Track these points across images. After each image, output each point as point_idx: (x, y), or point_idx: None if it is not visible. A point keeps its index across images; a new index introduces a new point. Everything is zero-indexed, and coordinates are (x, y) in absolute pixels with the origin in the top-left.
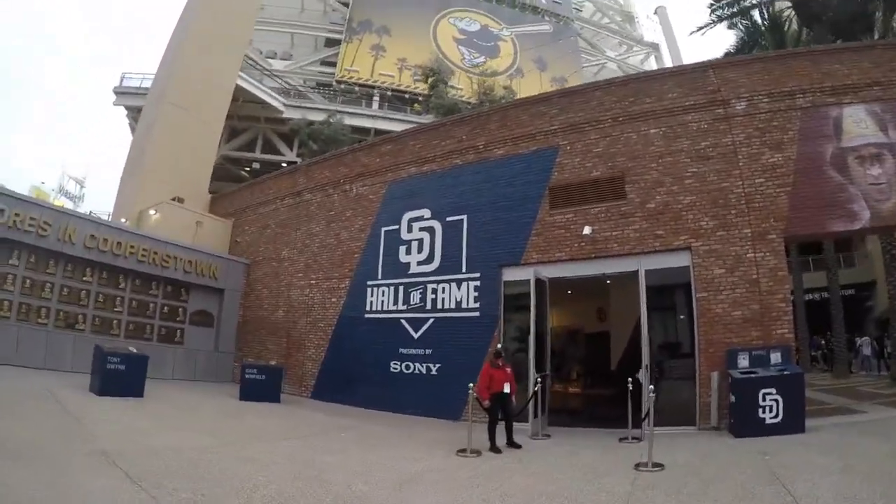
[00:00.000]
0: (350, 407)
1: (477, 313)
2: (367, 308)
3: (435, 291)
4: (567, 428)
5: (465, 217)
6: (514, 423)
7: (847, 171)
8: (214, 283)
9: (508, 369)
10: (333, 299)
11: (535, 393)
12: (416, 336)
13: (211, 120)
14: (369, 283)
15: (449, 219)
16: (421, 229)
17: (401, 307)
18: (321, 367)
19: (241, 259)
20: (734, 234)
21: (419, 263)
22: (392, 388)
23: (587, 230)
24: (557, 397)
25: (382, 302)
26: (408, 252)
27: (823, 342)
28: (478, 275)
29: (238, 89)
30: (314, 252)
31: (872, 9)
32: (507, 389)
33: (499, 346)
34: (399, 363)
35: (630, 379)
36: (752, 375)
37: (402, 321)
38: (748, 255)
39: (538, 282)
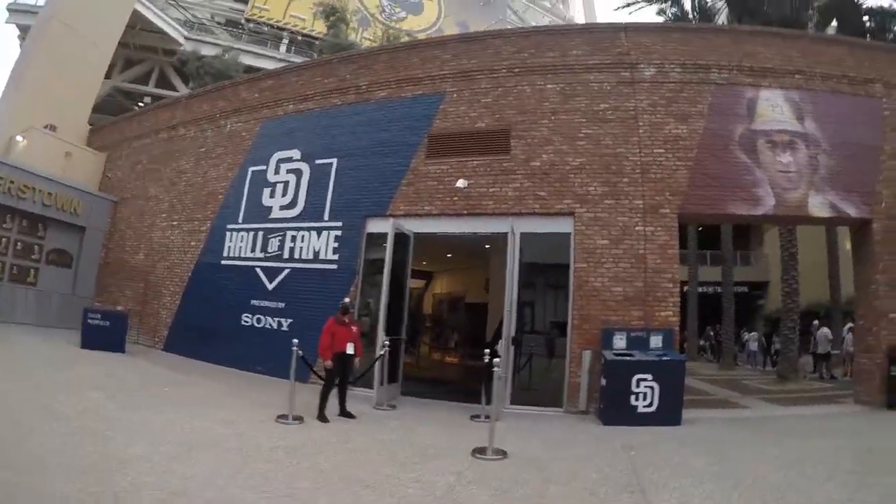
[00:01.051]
0: (201, 363)
1: (334, 266)
2: (225, 254)
3: (294, 239)
4: (424, 399)
5: (334, 161)
6: (362, 391)
7: (755, 155)
8: (76, 219)
9: (355, 328)
10: (193, 243)
11: (381, 357)
12: (270, 287)
13: (101, 44)
14: (229, 226)
15: (318, 162)
16: (288, 171)
17: (258, 254)
18: (175, 317)
19: (108, 196)
20: (624, 204)
21: (282, 208)
22: (243, 344)
23: (461, 183)
24: (434, 366)
25: (241, 248)
26: (272, 195)
27: (713, 333)
28: (340, 224)
29: (137, 16)
30: (181, 191)
31: (805, 19)
32: (350, 350)
33: (346, 300)
34: (251, 316)
35: (488, 351)
36: (627, 358)
37: (258, 270)
38: (637, 228)
39: (399, 235)
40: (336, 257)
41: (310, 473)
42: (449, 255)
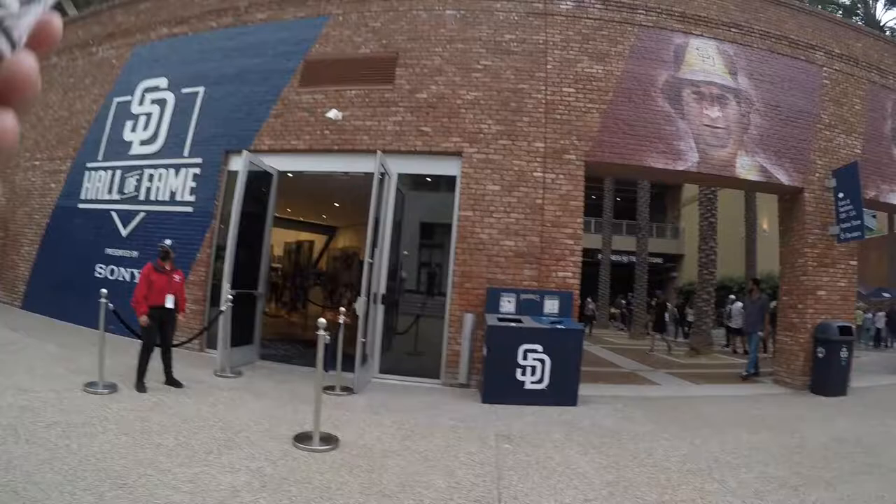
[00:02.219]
0: (58, 321)
1: (190, 208)
2: (83, 196)
3: (152, 178)
4: (287, 365)
5: (201, 89)
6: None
7: (680, 105)
8: None
9: (177, 277)
10: (52, 185)
11: (220, 314)
12: (124, 233)
13: None
14: (89, 165)
15: (185, 90)
16: (153, 102)
17: (114, 196)
18: (32, 269)
19: None
20: (521, 146)
21: (142, 143)
22: (96, 299)
23: (332, 113)
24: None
25: (98, 189)
26: (133, 129)
27: (624, 302)
28: (199, 161)
29: None
30: (46, 127)
31: None
32: (169, 303)
33: (166, 241)
34: (105, 267)
35: (344, 309)
36: (514, 325)
37: (113, 214)
38: (535, 174)
39: (257, 174)
40: (193, 199)
41: (68, 460)
42: (336, 205)
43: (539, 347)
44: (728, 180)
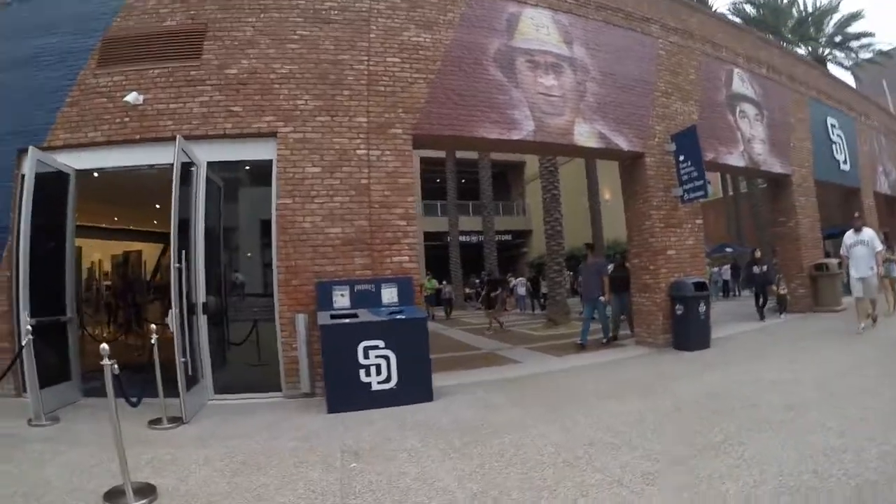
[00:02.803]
0: None
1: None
2: None
3: None
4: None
5: None
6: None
7: (513, 74)
8: None
9: None
10: None
11: (21, 351)
12: None
13: None
14: None
15: None
16: None
17: None
18: None
19: None
20: (342, 122)
21: None
22: None
23: (132, 97)
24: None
25: None
26: None
27: (478, 281)
28: None
29: None
30: None
31: None
32: None
33: None
34: None
35: (154, 326)
36: (348, 321)
37: None
38: (359, 152)
39: (46, 175)
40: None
41: None
42: (158, 207)
43: (380, 343)
44: (567, 148)
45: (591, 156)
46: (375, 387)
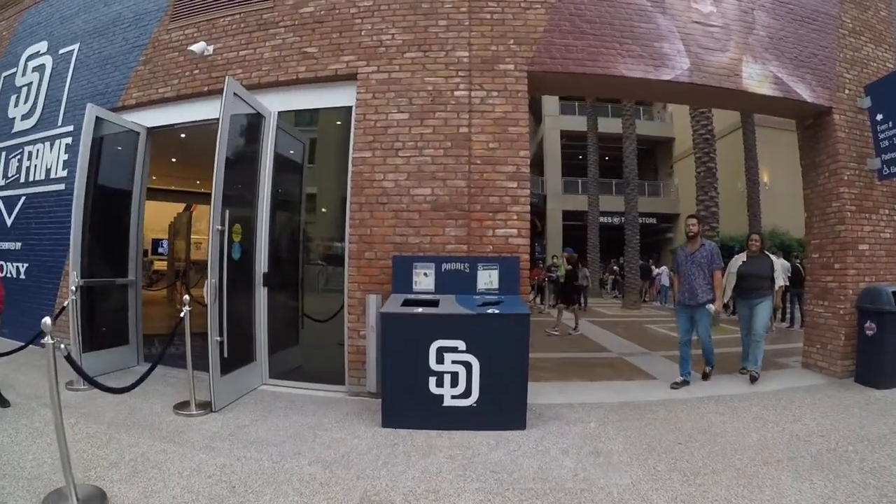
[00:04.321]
0: None
1: (62, 185)
2: None
3: (31, 156)
4: (172, 369)
5: (76, 46)
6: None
7: None
8: None
9: None
10: None
11: (63, 310)
12: (9, 223)
13: None
14: None
15: (62, 51)
16: (34, 69)
17: (0, 182)
18: None
19: None
20: (438, 58)
21: (23, 118)
22: None
23: (198, 47)
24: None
25: None
26: (16, 103)
27: (617, 268)
28: (71, 129)
29: None
30: None
31: None
32: None
33: None
34: None
35: (188, 297)
36: (420, 311)
37: None
38: (457, 94)
39: (117, 135)
40: (65, 174)
41: None
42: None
43: (461, 344)
44: (734, 95)
45: (763, 109)
46: (448, 401)
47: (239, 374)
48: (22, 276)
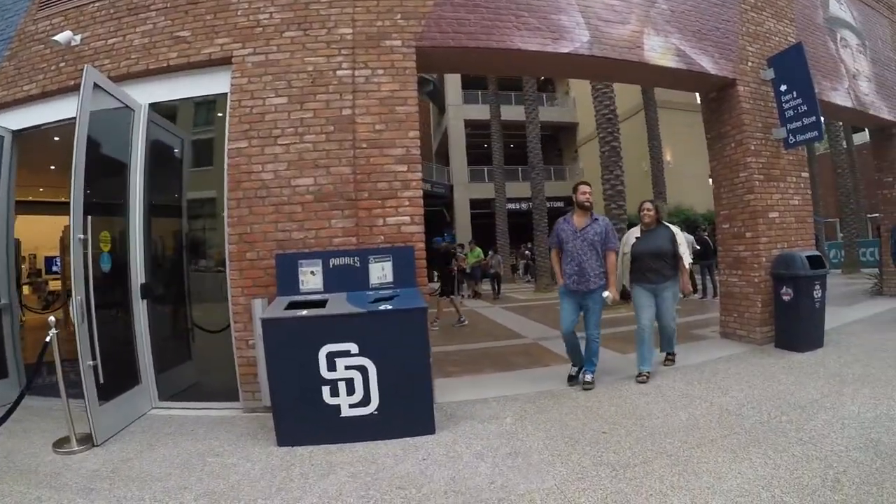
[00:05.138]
0: None
1: None
2: None
3: None
4: (55, 400)
5: None
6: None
7: None
8: None
9: None
10: None
11: None
12: None
13: None
14: None
15: None
16: None
17: None
18: None
19: None
20: (319, 36)
21: None
22: None
23: (63, 37)
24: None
25: None
26: None
27: (528, 252)
28: None
29: None
30: None
31: None
32: None
33: None
34: None
35: (53, 319)
36: (304, 314)
37: None
38: (340, 73)
39: None
40: None
41: None
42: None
43: (353, 347)
44: (636, 68)
45: (666, 82)
46: (346, 411)
47: (122, 399)
48: None
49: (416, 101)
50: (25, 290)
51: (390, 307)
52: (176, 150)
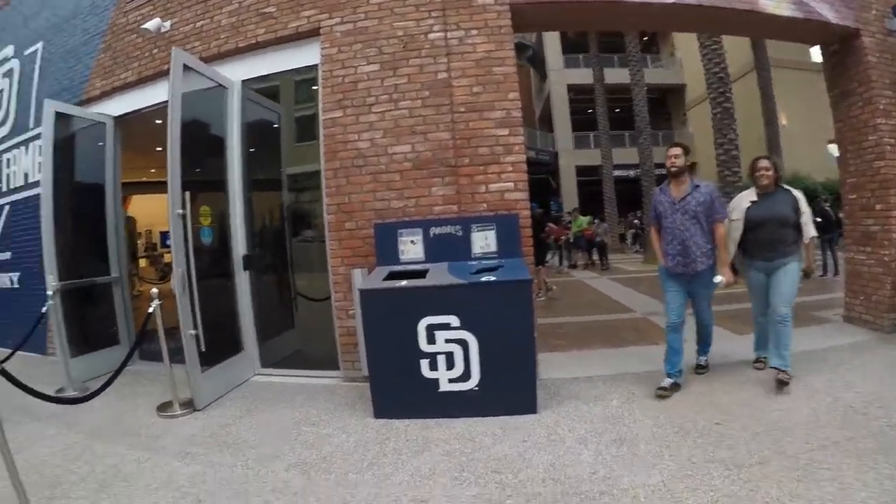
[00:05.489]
0: None
1: (39, 189)
2: None
3: (9, 163)
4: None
5: (40, 45)
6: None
7: None
8: None
9: None
10: None
11: (42, 317)
12: None
13: None
14: None
15: (27, 51)
16: (4, 75)
17: None
18: None
19: None
20: (407, 1)
21: None
22: None
23: (152, 24)
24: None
25: None
26: None
27: (637, 221)
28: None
29: None
30: None
31: None
32: None
33: None
34: None
35: (155, 290)
36: (404, 284)
37: None
38: (432, 36)
39: (83, 128)
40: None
41: None
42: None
43: (453, 320)
44: (747, 18)
45: (781, 33)
46: (445, 386)
47: (225, 366)
48: (15, 286)
49: (514, 61)
50: (142, 262)
51: (493, 278)
52: (274, 125)
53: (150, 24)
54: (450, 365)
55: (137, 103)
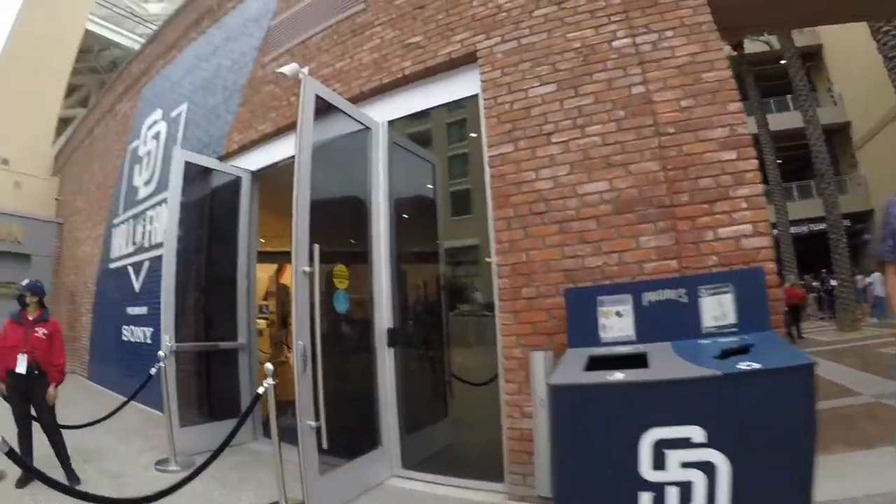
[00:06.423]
0: (111, 393)
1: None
2: (112, 255)
3: (151, 220)
4: (286, 445)
5: (185, 106)
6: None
7: None
8: (18, 248)
9: (42, 329)
10: (95, 251)
11: (149, 379)
12: (137, 288)
13: (54, 72)
14: (114, 222)
15: (173, 113)
16: (153, 137)
17: (129, 249)
18: (90, 339)
19: (53, 218)
20: (579, 6)
21: (145, 184)
22: (125, 365)
23: (288, 69)
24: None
25: (120, 246)
26: (140, 171)
27: (817, 283)
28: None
29: (96, 37)
30: (92, 195)
31: None
32: (20, 367)
33: (24, 282)
34: (128, 328)
35: (271, 366)
36: (618, 378)
37: (129, 269)
38: (617, 44)
39: (221, 187)
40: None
41: None
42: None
43: (696, 433)
44: None
45: None
46: None
47: (353, 466)
48: (148, 341)
49: (728, 64)
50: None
51: (758, 366)
52: (424, 175)
53: (287, 69)
54: (686, 500)
55: (274, 157)
